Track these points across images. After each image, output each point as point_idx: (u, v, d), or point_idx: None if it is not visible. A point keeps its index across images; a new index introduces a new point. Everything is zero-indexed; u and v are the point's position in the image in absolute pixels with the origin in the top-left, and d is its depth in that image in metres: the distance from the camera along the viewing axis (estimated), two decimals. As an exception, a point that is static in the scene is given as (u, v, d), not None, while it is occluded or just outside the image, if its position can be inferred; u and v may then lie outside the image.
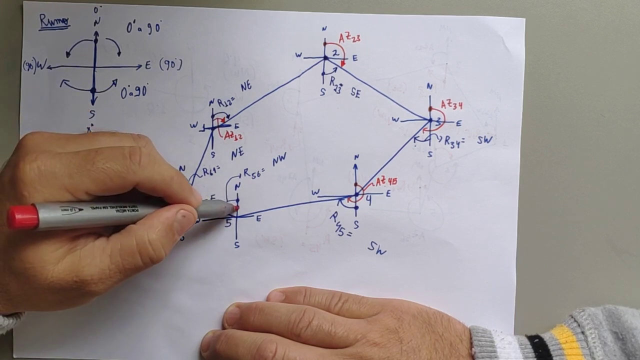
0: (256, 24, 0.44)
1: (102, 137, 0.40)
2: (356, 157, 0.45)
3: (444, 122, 0.45)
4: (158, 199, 0.39)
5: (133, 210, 0.38)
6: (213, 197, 0.44)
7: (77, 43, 0.44)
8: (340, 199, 0.45)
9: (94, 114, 0.44)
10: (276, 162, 0.45)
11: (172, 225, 0.39)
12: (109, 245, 0.37)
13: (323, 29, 0.44)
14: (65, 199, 0.36)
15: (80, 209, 0.36)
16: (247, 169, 0.45)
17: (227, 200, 0.44)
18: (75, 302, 0.38)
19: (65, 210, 0.35)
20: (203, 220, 0.44)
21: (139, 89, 0.44)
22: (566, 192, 0.45)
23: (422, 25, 0.44)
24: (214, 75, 0.44)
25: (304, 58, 0.44)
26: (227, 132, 0.45)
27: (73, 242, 0.37)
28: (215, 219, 0.44)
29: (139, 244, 0.37)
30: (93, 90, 0.44)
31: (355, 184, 0.45)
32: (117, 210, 0.37)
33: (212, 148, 0.45)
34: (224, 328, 0.44)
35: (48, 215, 0.34)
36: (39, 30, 0.44)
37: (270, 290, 0.44)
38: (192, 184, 0.44)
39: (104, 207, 0.37)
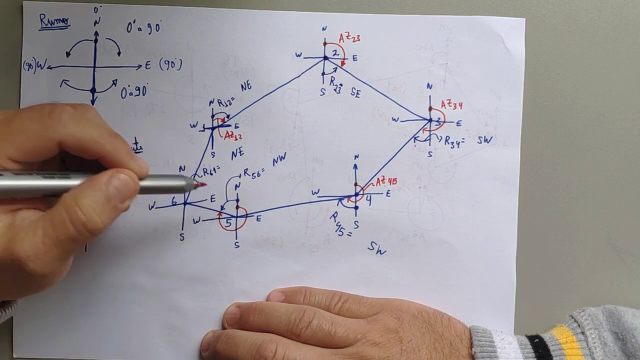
0: (256, 24, 0.44)
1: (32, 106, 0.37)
2: (356, 157, 0.45)
3: (444, 122, 0.45)
4: (97, 168, 0.37)
5: (64, 177, 0.35)
6: (213, 197, 0.44)
7: (77, 43, 0.44)
8: (340, 199, 0.45)
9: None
10: (276, 162, 0.45)
11: (107, 191, 0.35)
12: (41, 218, 0.34)
13: (323, 29, 0.44)
14: None
15: (0, 174, 0.33)
16: (247, 169, 0.45)
17: (227, 200, 0.44)
18: (24, 287, 0.36)
19: None
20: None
21: (139, 89, 0.44)
22: (566, 192, 0.45)
23: (422, 25, 0.44)
24: (214, 75, 0.44)
25: (304, 58, 0.44)
26: (227, 132, 0.45)
27: (12, 218, 0.34)
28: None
29: (68, 210, 0.34)
30: (93, 90, 0.44)
31: (355, 184, 0.45)
32: (44, 177, 0.35)
33: (212, 148, 0.45)
34: (224, 328, 0.44)
35: None
36: (39, 30, 0.44)
37: (270, 290, 0.44)
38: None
39: (28, 174, 0.34)
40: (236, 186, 0.45)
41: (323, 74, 0.45)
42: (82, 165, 0.38)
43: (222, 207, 0.45)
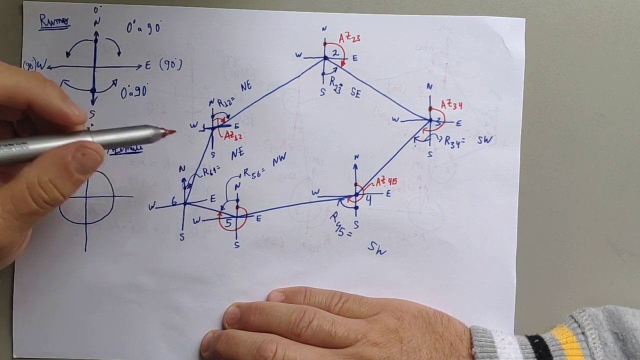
0: (256, 24, 0.44)
1: None
2: (356, 157, 0.45)
3: (444, 122, 0.45)
4: (53, 134, 0.37)
5: (22, 145, 0.35)
6: (213, 197, 0.44)
7: (77, 43, 0.44)
8: (340, 199, 0.45)
9: (94, 114, 0.44)
10: (276, 162, 0.45)
11: (69, 166, 0.35)
12: (0, 193, 0.35)
13: (323, 29, 0.44)
14: None
15: None
16: (247, 169, 0.45)
17: (227, 200, 0.44)
18: None
19: None
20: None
21: (139, 89, 0.44)
22: (566, 192, 0.45)
23: (422, 25, 0.44)
24: (214, 75, 0.44)
25: (304, 58, 0.44)
26: (227, 132, 0.45)
27: None
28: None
29: (29, 187, 0.35)
30: (93, 90, 0.44)
31: (355, 184, 0.45)
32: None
33: (212, 148, 0.45)
34: (224, 328, 0.44)
35: None
36: (39, 30, 0.44)
37: (270, 290, 0.44)
38: (192, 184, 0.44)
39: None
40: (236, 186, 0.45)
41: (323, 74, 0.45)
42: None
43: (222, 207, 0.45)
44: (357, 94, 0.45)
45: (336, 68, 0.45)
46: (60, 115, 0.36)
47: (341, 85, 0.45)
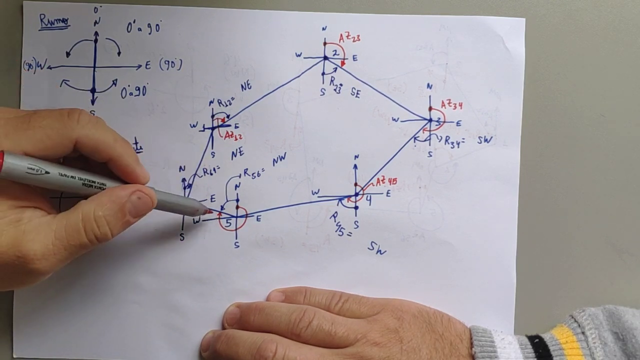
0: (256, 24, 0.44)
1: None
2: (356, 157, 0.45)
3: (444, 122, 0.45)
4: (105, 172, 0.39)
5: (100, 188, 0.38)
6: (213, 197, 0.44)
7: (77, 43, 0.44)
8: (340, 199, 0.45)
9: (94, 114, 0.44)
10: (276, 162, 0.45)
11: (124, 206, 0.38)
12: (54, 221, 0.36)
13: (323, 29, 0.44)
14: None
15: (47, 172, 0.35)
16: (247, 169, 0.45)
17: (227, 200, 0.44)
18: (20, 282, 0.37)
19: (31, 168, 0.34)
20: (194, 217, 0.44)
21: (139, 89, 0.44)
22: (566, 192, 0.45)
23: (422, 25, 0.44)
24: (214, 75, 0.44)
25: (304, 58, 0.44)
26: (227, 132, 0.45)
27: (18, 215, 0.36)
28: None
29: (84, 219, 0.36)
30: (93, 90, 0.44)
31: (355, 184, 0.45)
32: (83, 184, 0.37)
33: (212, 148, 0.45)
34: (224, 328, 0.44)
35: (14, 163, 0.34)
36: (39, 30, 0.44)
37: (270, 290, 0.44)
38: (192, 184, 0.44)
39: (71, 177, 0.36)
40: (236, 186, 0.45)
41: (323, 74, 0.45)
42: (84, 168, 0.39)
43: (222, 207, 0.45)
44: (357, 94, 0.45)
45: (336, 68, 0.45)
46: (133, 175, 0.39)
47: (341, 85, 0.45)
